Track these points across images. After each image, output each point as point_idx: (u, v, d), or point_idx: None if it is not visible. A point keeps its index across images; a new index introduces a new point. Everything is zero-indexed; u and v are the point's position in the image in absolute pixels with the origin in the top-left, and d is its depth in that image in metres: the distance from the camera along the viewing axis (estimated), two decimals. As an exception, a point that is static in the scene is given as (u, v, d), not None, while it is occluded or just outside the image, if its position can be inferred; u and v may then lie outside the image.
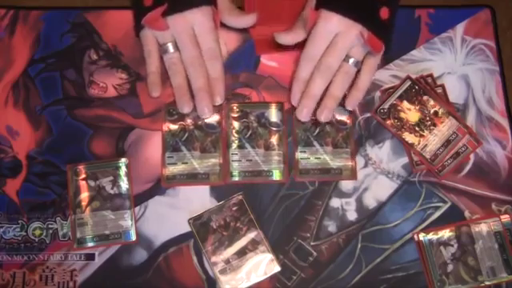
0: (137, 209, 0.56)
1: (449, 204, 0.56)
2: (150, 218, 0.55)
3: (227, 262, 0.54)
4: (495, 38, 0.61)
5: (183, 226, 0.55)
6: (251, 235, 0.55)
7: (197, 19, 0.55)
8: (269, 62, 0.60)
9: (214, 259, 0.54)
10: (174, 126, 0.57)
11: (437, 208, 0.56)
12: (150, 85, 0.57)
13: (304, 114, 0.55)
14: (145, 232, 0.55)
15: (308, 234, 0.55)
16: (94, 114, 0.58)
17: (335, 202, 0.56)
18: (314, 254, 0.55)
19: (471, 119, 0.59)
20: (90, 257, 0.54)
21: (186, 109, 0.56)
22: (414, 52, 0.60)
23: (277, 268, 0.54)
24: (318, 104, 0.56)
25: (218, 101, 0.57)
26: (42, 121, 0.58)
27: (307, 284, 0.54)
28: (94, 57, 0.60)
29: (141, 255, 0.54)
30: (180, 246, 0.55)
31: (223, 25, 0.59)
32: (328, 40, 0.54)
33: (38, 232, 0.55)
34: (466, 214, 0.56)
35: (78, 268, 0.54)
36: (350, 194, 0.57)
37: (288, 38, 0.56)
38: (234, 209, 0.55)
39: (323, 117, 0.55)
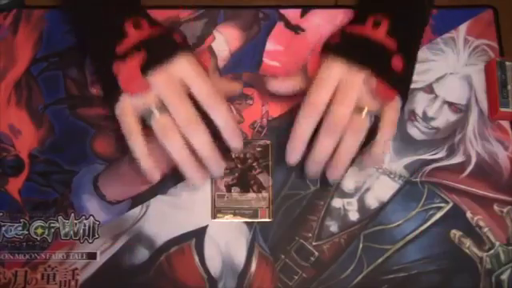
0: (138, 208, 0.56)
1: (450, 204, 0.56)
2: (151, 218, 0.55)
3: (229, 190, 0.55)
4: (498, 39, 0.61)
5: (185, 225, 0.55)
6: (261, 179, 0.56)
7: (181, 70, 0.48)
8: (271, 61, 0.60)
9: (218, 182, 0.56)
10: None
11: (438, 208, 0.56)
12: (145, 171, 0.49)
13: (311, 176, 0.52)
14: (146, 231, 0.55)
15: (310, 234, 0.55)
16: (96, 113, 0.58)
17: (337, 202, 0.56)
18: (316, 253, 0.55)
19: (473, 120, 0.59)
20: (92, 256, 0.54)
21: (198, 181, 0.49)
22: (416, 52, 0.60)
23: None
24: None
25: (237, 148, 0.51)
26: (44, 120, 0.58)
27: (309, 284, 0.54)
28: (97, 56, 0.60)
29: (142, 254, 0.54)
30: (182, 246, 0.55)
31: (226, 23, 0.59)
32: (332, 86, 0.48)
33: (39, 231, 0.55)
34: (468, 214, 0.56)
35: (79, 267, 0.54)
36: (351, 194, 0.57)
37: (284, 86, 0.55)
38: (258, 149, 0.56)
39: (333, 177, 0.50)
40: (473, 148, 0.58)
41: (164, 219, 0.55)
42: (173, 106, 0.48)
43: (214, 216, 0.55)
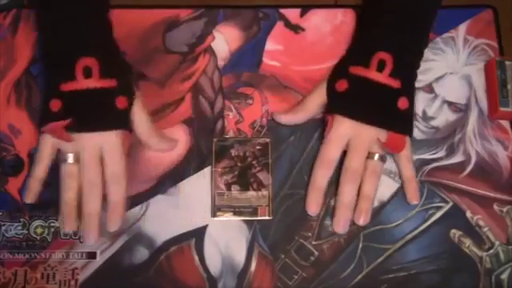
0: (138, 208, 0.56)
1: (450, 204, 0.56)
2: (151, 217, 0.55)
3: (229, 188, 0.56)
4: (498, 38, 0.61)
5: (185, 224, 0.55)
6: (261, 177, 0.56)
7: (106, 141, 0.52)
8: (271, 61, 0.60)
9: (218, 180, 0.56)
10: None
11: (438, 208, 0.56)
12: (26, 190, 0.54)
13: (342, 226, 0.53)
14: (146, 231, 0.55)
15: (309, 234, 0.55)
16: (96, 113, 0.58)
17: (337, 202, 0.56)
18: (316, 253, 0.55)
19: (473, 119, 0.59)
20: (92, 255, 0.54)
21: (67, 227, 0.53)
22: (416, 52, 0.60)
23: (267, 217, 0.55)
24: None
25: (112, 228, 0.53)
26: (44, 119, 0.58)
27: (308, 283, 0.54)
28: (97, 56, 0.60)
29: (142, 254, 0.54)
30: (181, 245, 0.55)
31: (226, 23, 0.58)
32: (342, 144, 0.53)
33: (39, 230, 0.55)
34: (468, 214, 0.56)
35: (79, 266, 0.54)
36: (351, 194, 0.57)
37: (285, 118, 0.57)
38: (258, 147, 0.56)
39: (362, 221, 0.53)
40: (472, 147, 0.58)
41: (164, 219, 0.55)
42: (84, 164, 0.52)
43: (213, 214, 0.55)
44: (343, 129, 0.53)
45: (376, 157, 0.54)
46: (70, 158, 0.52)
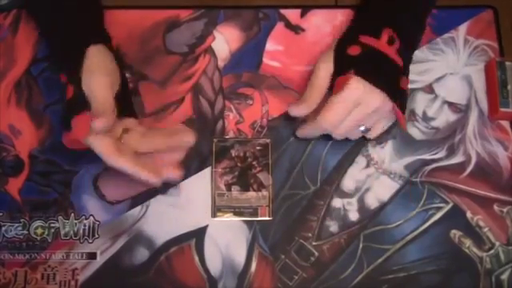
0: (138, 208, 0.56)
1: (451, 205, 0.56)
2: (151, 218, 0.55)
3: (229, 189, 0.56)
4: (498, 39, 0.61)
5: (185, 225, 0.55)
6: (261, 177, 0.56)
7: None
8: (271, 61, 0.60)
9: (218, 181, 0.56)
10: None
11: (438, 209, 0.56)
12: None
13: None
14: (146, 231, 0.55)
15: (310, 234, 0.55)
16: (96, 113, 0.58)
17: (337, 202, 0.56)
18: (316, 254, 0.55)
19: (473, 120, 0.59)
20: (92, 256, 0.54)
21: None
22: (416, 52, 0.60)
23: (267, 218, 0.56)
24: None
25: (190, 141, 0.52)
26: (44, 120, 0.58)
27: (309, 284, 0.54)
28: (97, 56, 0.60)
29: (142, 254, 0.54)
30: (181, 246, 0.55)
31: (226, 23, 0.58)
32: (353, 104, 0.51)
33: (39, 231, 0.55)
34: (468, 214, 0.56)
35: (79, 267, 0.54)
36: (351, 195, 0.57)
37: (302, 110, 0.54)
38: (258, 148, 0.57)
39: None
40: (473, 148, 0.58)
41: (164, 219, 0.55)
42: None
43: (213, 215, 0.55)
44: (358, 90, 0.51)
45: (361, 128, 0.53)
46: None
